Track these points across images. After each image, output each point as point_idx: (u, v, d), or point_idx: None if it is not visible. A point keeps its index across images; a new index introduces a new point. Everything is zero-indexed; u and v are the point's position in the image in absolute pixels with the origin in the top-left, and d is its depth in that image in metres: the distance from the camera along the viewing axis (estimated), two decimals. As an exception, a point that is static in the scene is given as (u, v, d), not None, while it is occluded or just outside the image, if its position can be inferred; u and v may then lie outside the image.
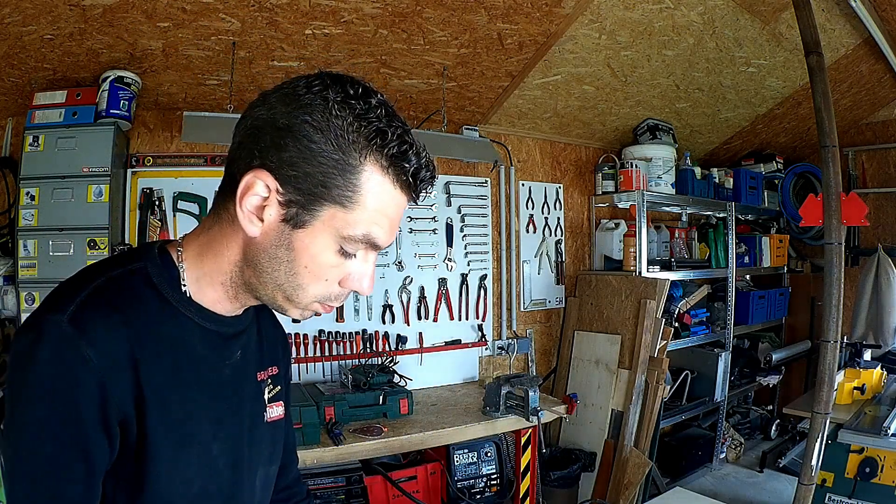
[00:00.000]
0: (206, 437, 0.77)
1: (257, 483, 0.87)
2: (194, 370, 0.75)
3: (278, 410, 0.91)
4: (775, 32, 2.91)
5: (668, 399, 3.48)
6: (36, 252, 2.29)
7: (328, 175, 0.66)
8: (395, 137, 0.67)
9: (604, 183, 3.70)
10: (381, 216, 0.70)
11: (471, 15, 2.35)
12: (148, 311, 0.71)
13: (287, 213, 0.69)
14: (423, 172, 0.70)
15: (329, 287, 0.74)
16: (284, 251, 0.70)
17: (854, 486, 2.49)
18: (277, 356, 0.93)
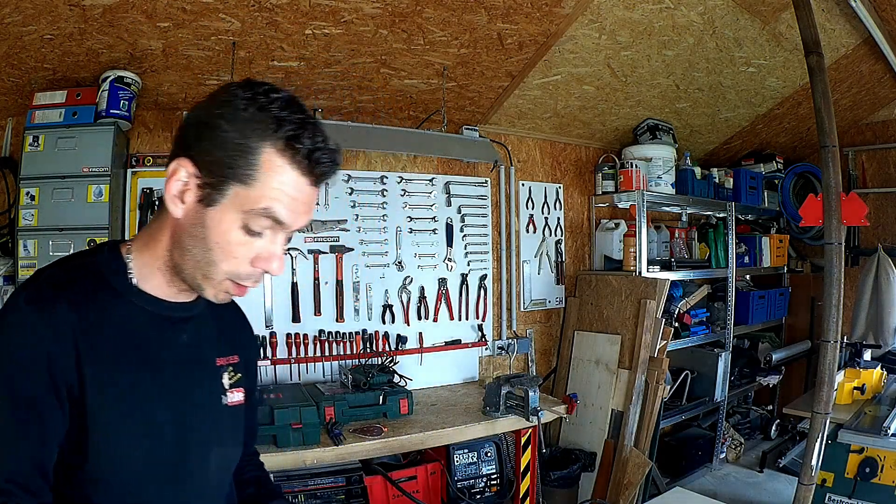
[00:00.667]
0: (148, 412, 0.84)
1: (212, 461, 0.93)
2: (138, 350, 0.84)
3: (238, 396, 0.98)
4: (775, 32, 2.91)
5: (668, 399, 3.48)
6: (36, 252, 2.29)
7: (233, 158, 0.77)
8: (291, 123, 0.76)
9: (604, 183, 3.70)
10: (281, 193, 0.78)
11: (471, 15, 2.35)
12: (93, 297, 0.82)
13: (202, 193, 0.79)
14: (317, 154, 0.78)
15: (239, 265, 0.81)
16: (200, 229, 0.80)
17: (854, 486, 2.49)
18: (238, 346, 1.01)
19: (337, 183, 2.91)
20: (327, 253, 2.89)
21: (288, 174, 0.78)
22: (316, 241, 2.88)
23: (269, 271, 0.83)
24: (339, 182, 2.92)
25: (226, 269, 0.82)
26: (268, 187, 0.77)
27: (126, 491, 0.83)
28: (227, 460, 1.00)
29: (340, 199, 2.93)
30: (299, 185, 0.79)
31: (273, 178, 0.77)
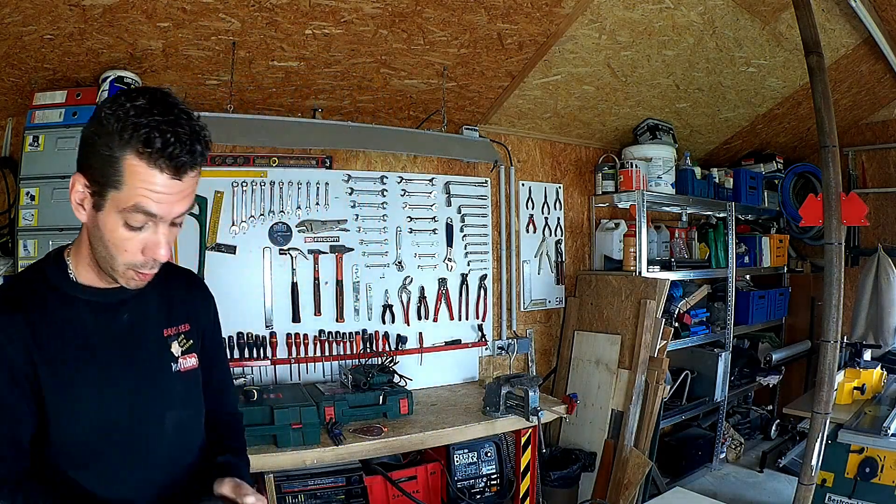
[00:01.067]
0: (95, 386, 0.98)
1: (167, 425, 1.05)
2: (81, 334, 0.98)
3: (191, 361, 1.10)
4: (775, 32, 2.91)
5: (668, 399, 3.48)
6: (36, 252, 2.29)
7: (105, 167, 0.88)
8: (145, 127, 0.86)
9: (604, 183, 3.71)
10: (145, 190, 0.89)
11: (471, 15, 2.35)
12: (41, 301, 0.97)
13: (93, 201, 0.92)
14: (170, 150, 0.87)
15: (131, 257, 0.94)
16: (97, 230, 0.93)
17: (854, 486, 2.49)
18: (190, 315, 1.13)
19: (337, 183, 2.92)
20: (327, 253, 2.89)
21: (147, 173, 0.88)
22: (316, 241, 2.88)
23: (158, 258, 0.95)
24: (339, 182, 2.92)
25: (122, 261, 0.95)
26: (133, 188, 0.88)
27: (86, 459, 0.97)
28: (185, 423, 1.10)
29: (340, 199, 2.93)
30: (161, 180, 0.89)
31: (136, 180, 0.88)
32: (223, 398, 1.24)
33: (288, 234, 2.82)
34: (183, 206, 0.94)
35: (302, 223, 2.85)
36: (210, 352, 1.18)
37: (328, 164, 2.92)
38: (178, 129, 0.88)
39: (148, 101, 0.88)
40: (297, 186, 2.83)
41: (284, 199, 2.81)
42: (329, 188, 2.90)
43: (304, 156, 2.87)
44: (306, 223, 2.85)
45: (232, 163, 2.74)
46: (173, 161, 0.88)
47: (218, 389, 1.21)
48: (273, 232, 2.80)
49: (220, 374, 1.22)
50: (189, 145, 0.89)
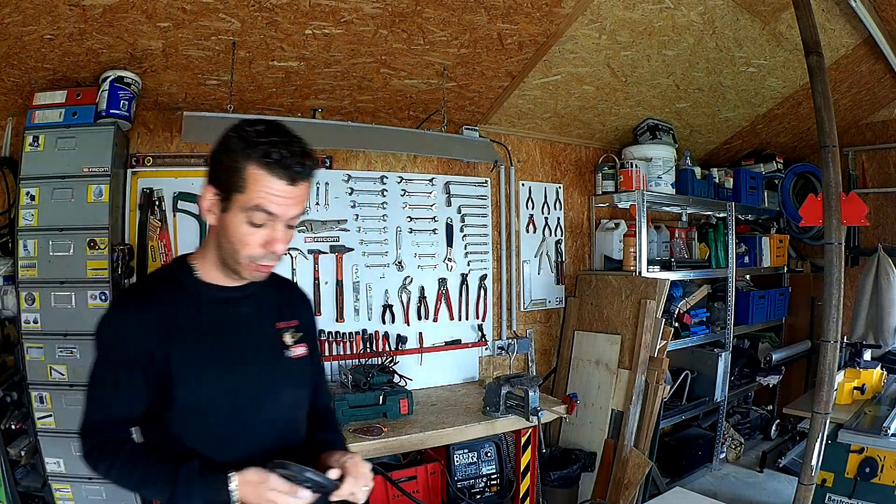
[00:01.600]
0: (220, 368, 1.16)
1: (283, 398, 1.24)
2: (209, 325, 1.17)
3: (301, 350, 1.28)
4: (775, 32, 2.91)
5: (668, 399, 3.48)
6: (36, 252, 2.29)
7: (231, 177, 1.09)
8: (262, 145, 1.07)
9: (604, 183, 3.70)
10: (265, 193, 1.08)
11: (471, 15, 2.35)
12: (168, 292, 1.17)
13: (221, 205, 1.12)
14: (285, 161, 1.07)
15: (253, 250, 1.12)
16: (223, 229, 1.13)
17: (854, 486, 2.49)
18: (297, 314, 1.32)
19: (337, 183, 2.92)
20: (327, 253, 2.89)
21: (266, 179, 1.08)
22: (316, 241, 2.88)
23: (276, 251, 1.13)
24: (339, 182, 2.92)
25: (245, 254, 1.12)
26: (255, 191, 1.08)
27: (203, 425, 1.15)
28: (298, 399, 1.29)
29: (340, 199, 2.93)
30: (278, 185, 1.08)
31: (257, 185, 1.08)
32: (317, 393, 1.39)
33: (288, 234, 2.82)
34: (296, 210, 1.12)
35: (302, 223, 2.85)
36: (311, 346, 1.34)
37: (328, 164, 2.92)
38: (292, 147, 1.09)
39: (266, 128, 1.10)
40: (297, 186, 2.83)
41: (284, 199, 2.81)
42: (329, 188, 2.90)
43: (304, 156, 2.87)
44: (306, 223, 2.85)
45: (232, 163, 2.74)
46: (288, 170, 1.07)
47: (314, 385, 1.37)
48: (273, 232, 2.80)
49: (315, 370, 1.38)
50: (300, 158, 1.09)
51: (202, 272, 1.20)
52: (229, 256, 1.14)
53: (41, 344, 2.29)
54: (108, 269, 2.33)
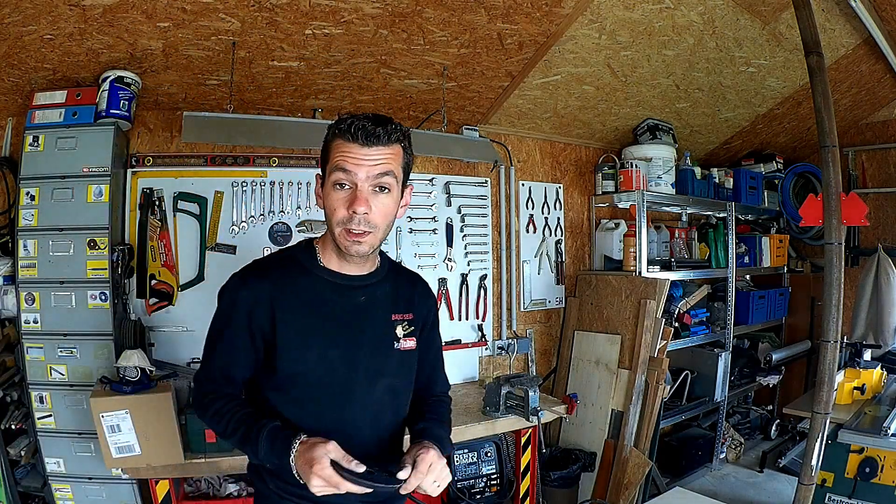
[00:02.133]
0: (325, 345, 1.24)
1: (379, 386, 1.29)
2: (321, 305, 1.25)
3: (409, 343, 1.34)
4: (775, 32, 2.91)
5: (668, 399, 3.48)
6: (36, 252, 2.29)
7: (323, 156, 1.26)
8: (343, 122, 1.20)
9: (604, 183, 3.71)
10: (340, 154, 1.20)
11: (471, 15, 2.35)
12: (287, 270, 1.27)
13: (322, 185, 1.26)
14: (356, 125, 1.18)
15: (339, 213, 1.20)
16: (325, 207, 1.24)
17: (854, 486, 2.49)
18: (413, 308, 1.37)
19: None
20: (327, 253, 2.89)
21: (340, 143, 1.20)
22: (316, 241, 2.88)
23: (356, 211, 1.18)
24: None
25: (336, 221, 1.21)
26: (334, 155, 1.21)
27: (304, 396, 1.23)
28: (397, 389, 1.34)
29: (340, 199, 2.93)
30: (350, 147, 1.19)
31: (335, 149, 1.21)
32: (433, 382, 1.48)
33: (288, 234, 2.82)
34: (375, 170, 1.18)
35: (302, 223, 2.84)
36: (426, 342, 1.41)
37: (328, 164, 2.92)
38: (368, 120, 1.19)
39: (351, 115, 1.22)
40: (297, 186, 2.83)
41: (284, 199, 2.81)
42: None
43: (304, 156, 2.87)
44: (306, 223, 2.85)
45: (232, 163, 2.74)
46: (358, 132, 1.17)
47: (429, 374, 1.46)
48: (273, 232, 2.80)
49: (433, 361, 1.47)
50: (373, 125, 1.18)
51: (323, 257, 1.29)
52: (331, 231, 1.23)
53: (41, 344, 2.30)
54: (108, 269, 2.33)
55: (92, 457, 2.29)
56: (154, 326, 2.60)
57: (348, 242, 1.20)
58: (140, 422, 2.09)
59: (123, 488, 2.35)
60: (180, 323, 2.64)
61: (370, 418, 1.29)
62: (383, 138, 1.19)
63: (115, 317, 2.36)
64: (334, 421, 1.23)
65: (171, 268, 2.63)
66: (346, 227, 1.19)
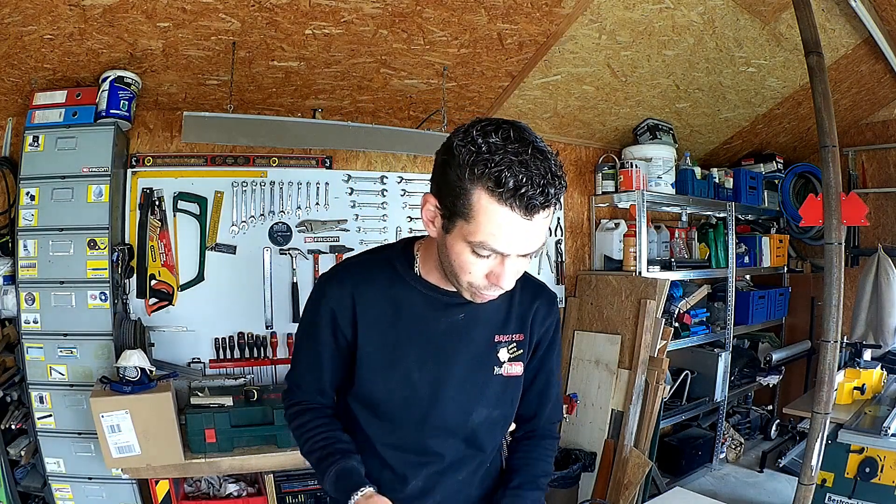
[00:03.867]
0: (410, 366, 1.09)
1: (474, 417, 1.14)
2: (411, 320, 1.09)
3: (516, 369, 1.16)
4: (775, 32, 2.91)
5: (668, 399, 3.48)
6: (36, 252, 2.29)
7: (456, 197, 0.90)
8: (497, 165, 0.85)
9: (604, 183, 3.70)
10: (494, 227, 0.89)
11: (471, 15, 2.35)
12: (378, 279, 1.10)
13: (442, 222, 0.96)
14: (522, 191, 0.85)
15: (474, 278, 0.97)
16: (445, 248, 0.98)
17: (854, 486, 2.49)
18: (526, 327, 1.17)
19: (337, 183, 2.92)
20: (327, 253, 2.89)
21: (497, 212, 0.87)
22: (316, 241, 2.88)
23: (501, 287, 0.97)
24: (339, 182, 2.92)
25: (465, 280, 0.98)
26: (482, 224, 0.89)
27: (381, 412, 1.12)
28: (494, 420, 1.16)
29: (340, 199, 2.93)
30: (510, 219, 0.88)
31: (486, 217, 0.88)
32: (540, 410, 1.25)
33: (288, 234, 2.83)
34: (527, 245, 0.92)
35: (302, 223, 2.85)
36: (537, 364, 1.21)
37: (328, 164, 2.92)
38: (532, 170, 0.86)
39: (502, 138, 0.87)
40: (297, 186, 2.84)
41: (284, 199, 2.82)
42: (329, 188, 2.90)
43: (304, 156, 2.87)
44: (306, 223, 2.85)
45: (232, 163, 2.74)
46: (524, 202, 0.86)
47: (534, 402, 1.24)
48: (273, 232, 2.80)
49: (540, 389, 1.23)
50: (542, 187, 0.86)
51: (422, 268, 1.10)
52: (450, 274, 1.01)
53: (41, 344, 2.30)
54: (108, 269, 2.33)
55: (92, 457, 2.29)
56: (154, 326, 2.60)
57: (477, 298, 1.02)
58: (140, 422, 2.09)
59: (123, 488, 2.35)
60: (180, 323, 2.64)
61: (458, 444, 1.14)
62: (551, 203, 0.89)
63: (115, 317, 2.37)
64: (413, 442, 1.13)
65: (171, 268, 2.63)
66: (478, 289, 0.99)
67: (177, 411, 2.19)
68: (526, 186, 0.85)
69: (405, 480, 1.14)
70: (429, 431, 1.12)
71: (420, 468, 1.13)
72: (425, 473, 1.14)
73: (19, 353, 2.33)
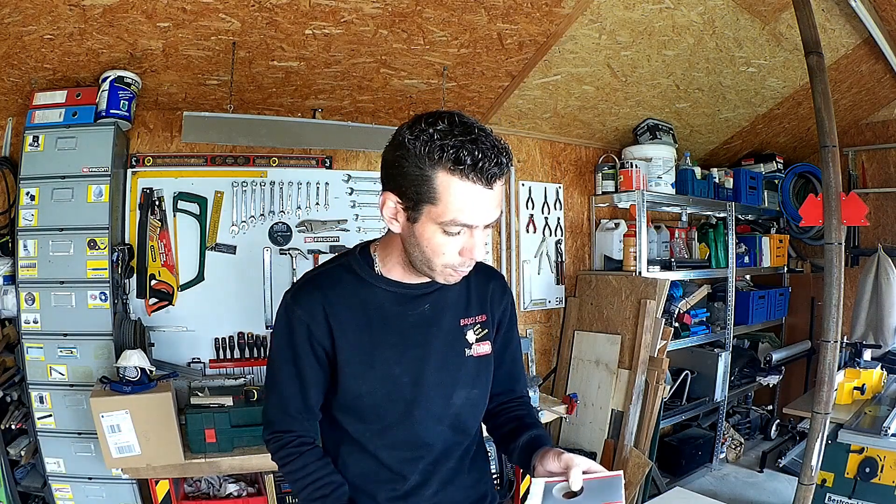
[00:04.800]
0: (388, 362, 1.12)
1: (456, 397, 1.18)
2: (381, 319, 1.13)
3: (484, 348, 1.21)
4: (775, 32, 2.91)
5: (668, 399, 3.48)
6: (36, 252, 2.29)
7: (418, 186, 0.98)
8: (451, 148, 0.95)
9: (604, 183, 3.70)
10: (460, 203, 0.97)
11: (471, 15, 2.35)
12: (341, 282, 1.14)
13: (407, 214, 1.02)
14: (480, 164, 0.95)
15: (449, 258, 1.04)
16: (413, 239, 1.04)
17: (854, 486, 2.49)
18: (486, 308, 1.23)
19: (337, 183, 2.92)
20: (327, 253, 2.89)
21: (461, 187, 0.97)
22: (316, 241, 2.88)
23: (474, 258, 1.05)
24: (339, 182, 2.92)
25: (440, 262, 1.05)
26: (449, 202, 0.97)
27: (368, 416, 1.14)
28: (473, 399, 1.22)
29: (340, 199, 2.93)
30: (474, 191, 0.97)
31: (451, 195, 0.97)
32: (515, 383, 1.34)
33: (288, 234, 2.83)
34: (495, 213, 1.03)
35: (302, 223, 2.85)
36: (503, 342, 1.28)
37: (328, 164, 2.92)
38: (482, 145, 0.96)
39: (447, 124, 0.96)
40: (297, 186, 2.84)
41: (284, 199, 2.82)
42: (329, 188, 2.90)
43: (304, 156, 2.87)
44: (306, 223, 2.85)
45: (232, 163, 2.74)
46: (483, 174, 0.96)
47: (509, 375, 1.32)
48: (273, 232, 2.80)
49: (510, 363, 1.32)
50: (496, 157, 0.97)
51: (383, 267, 1.15)
52: (420, 263, 1.07)
53: (41, 344, 2.30)
54: (108, 269, 2.34)
55: (92, 457, 2.29)
56: (154, 326, 2.60)
57: (452, 277, 1.08)
58: (140, 422, 2.09)
59: (123, 488, 2.35)
60: (180, 323, 2.64)
61: (445, 431, 1.19)
62: (504, 171, 0.99)
63: (115, 317, 2.37)
64: (404, 437, 1.15)
65: (171, 268, 2.63)
66: (453, 268, 1.06)
67: (177, 411, 2.19)
68: (482, 161, 0.95)
69: (404, 477, 1.16)
70: (416, 422, 1.15)
71: (415, 462, 1.15)
72: (420, 467, 1.16)
73: (19, 353, 2.33)
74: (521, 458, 1.19)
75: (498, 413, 1.32)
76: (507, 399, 1.32)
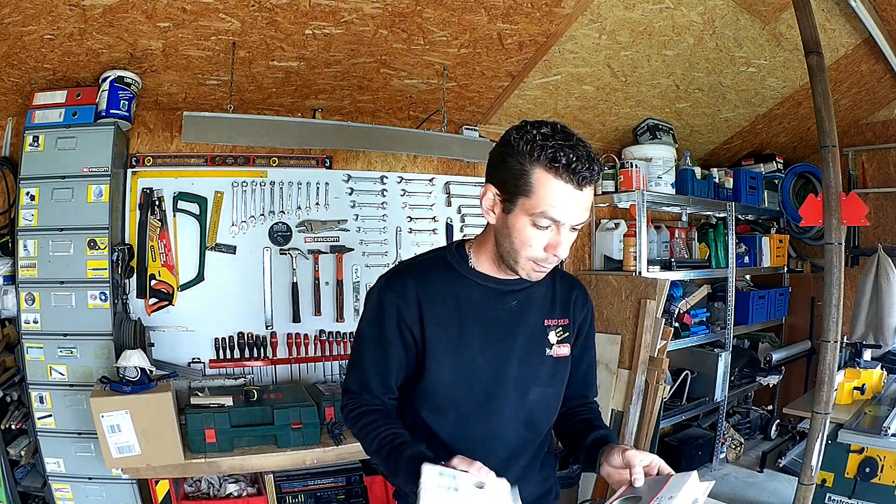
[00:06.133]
0: (473, 352, 1.20)
1: (531, 395, 1.24)
2: (471, 310, 1.20)
3: (563, 350, 1.28)
4: (775, 32, 2.91)
5: (668, 399, 3.48)
6: (36, 252, 2.30)
7: (517, 179, 1.08)
8: (551, 148, 1.05)
9: (604, 183, 3.69)
10: (552, 198, 1.06)
11: (471, 15, 2.35)
12: (435, 272, 1.22)
13: (503, 206, 1.13)
14: (573, 166, 1.04)
15: (535, 252, 1.11)
16: (506, 230, 1.13)
17: (854, 486, 2.49)
18: (569, 313, 1.30)
19: (337, 183, 2.92)
20: (327, 253, 2.89)
21: (554, 184, 1.06)
22: (316, 241, 2.88)
23: (558, 255, 1.11)
24: (339, 182, 2.92)
25: (525, 255, 1.12)
26: (542, 196, 1.07)
27: (445, 407, 1.21)
28: (548, 398, 1.28)
29: (340, 199, 2.93)
30: (565, 190, 1.06)
31: (545, 189, 1.06)
32: (588, 388, 1.41)
33: (288, 234, 2.83)
34: (580, 215, 1.09)
35: (302, 223, 2.85)
36: (582, 348, 1.34)
37: (328, 164, 2.92)
38: (578, 151, 1.05)
39: (550, 129, 1.08)
40: (297, 186, 2.84)
41: (284, 199, 2.82)
42: (329, 188, 2.90)
43: (304, 156, 2.87)
44: (306, 223, 2.85)
45: (232, 163, 2.74)
46: (576, 175, 1.05)
47: (584, 380, 1.38)
48: (273, 232, 2.80)
49: (587, 368, 1.39)
50: (589, 163, 1.06)
51: (476, 261, 1.23)
52: (508, 255, 1.15)
53: (41, 344, 2.30)
54: (108, 269, 2.34)
55: (92, 457, 2.29)
56: (154, 326, 2.60)
57: (534, 273, 1.15)
58: (140, 422, 2.09)
59: (123, 488, 2.35)
60: (180, 323, 2.64)
61: (519, 428, 1.24)
62: (595, 177, 1.08)
63: (115, 317, 2.37)
64: (478, 430, 1.21)
65: (171, 268, 2.63)
66: (537, 262, 1.13)
67: (177, 411, 2.19)
68: (576, 163, 1.04)
69: None
70: (492, 414, 1.21)
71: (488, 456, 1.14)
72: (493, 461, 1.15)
73: (19, 353, 2.33)
74: (587, 456, 1.25)
75: (568, 415, 1.36)
76: (578, 403, 1.38)
